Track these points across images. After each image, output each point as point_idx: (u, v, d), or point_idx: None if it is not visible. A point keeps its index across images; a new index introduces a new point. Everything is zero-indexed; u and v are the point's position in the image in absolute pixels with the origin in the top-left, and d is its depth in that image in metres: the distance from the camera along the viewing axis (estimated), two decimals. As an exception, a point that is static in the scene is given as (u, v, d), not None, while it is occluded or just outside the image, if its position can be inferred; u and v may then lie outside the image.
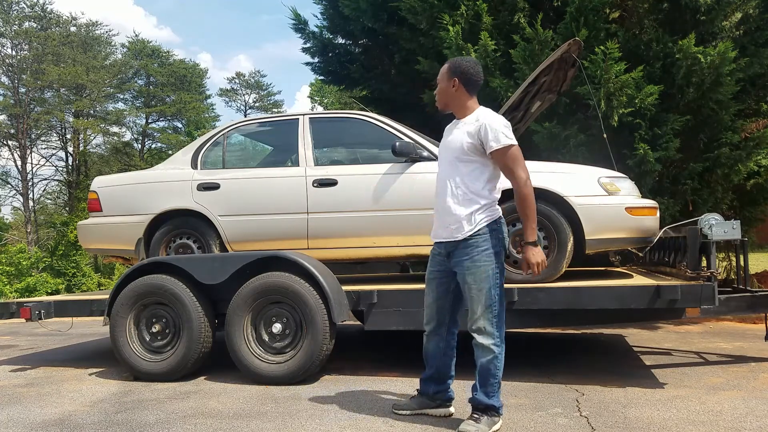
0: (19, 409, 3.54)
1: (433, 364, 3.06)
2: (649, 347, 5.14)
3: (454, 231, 2.82)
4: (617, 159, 5.05)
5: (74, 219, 18.07)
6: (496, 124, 2.77)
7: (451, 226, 2.83)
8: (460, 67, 2.87)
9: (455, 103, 2.90)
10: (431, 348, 3.05)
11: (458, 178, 2.82)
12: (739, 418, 3.00)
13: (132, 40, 31.45)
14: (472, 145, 2.78)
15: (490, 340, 2.77)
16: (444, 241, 2.89)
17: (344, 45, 8.96)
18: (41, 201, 29.92)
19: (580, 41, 5.00)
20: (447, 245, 2.88)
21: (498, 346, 2.79)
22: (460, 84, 2.86)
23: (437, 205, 2.93)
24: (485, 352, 2.79)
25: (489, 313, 2.77)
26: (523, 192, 2.76)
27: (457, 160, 2.83)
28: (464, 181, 2.81)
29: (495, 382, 2.82)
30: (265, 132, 5.24)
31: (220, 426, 3.08)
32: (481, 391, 2.82)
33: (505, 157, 2.76)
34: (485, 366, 2.79)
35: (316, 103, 30.72)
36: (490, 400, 2.81)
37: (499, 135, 2.74)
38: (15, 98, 24.99)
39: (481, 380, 2.82)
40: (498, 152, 2.75)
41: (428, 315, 3.04)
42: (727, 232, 3.76)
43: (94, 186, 5.03)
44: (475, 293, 2.78)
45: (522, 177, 2.76)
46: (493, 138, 2.74)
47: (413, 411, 3.11)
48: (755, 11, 6.62)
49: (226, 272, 4.05)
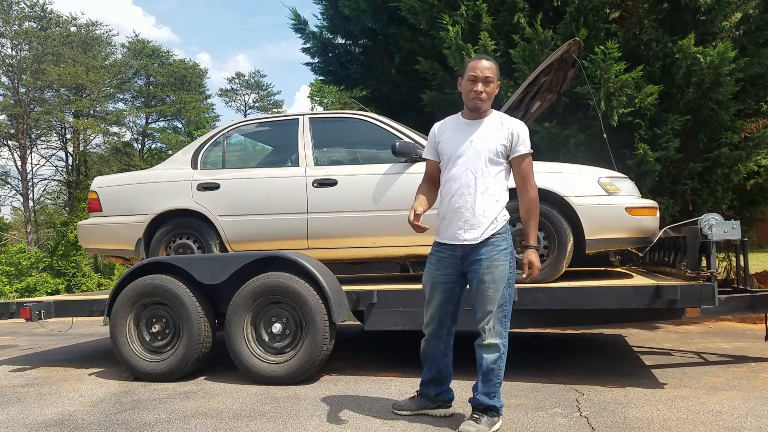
0: (19, 409, 3.54)
1: (434, 366, 3.05)
2: (649, 347, 5.14)
3: (479, 232, 2.79)
4: (617, 159, 5.05)
5: (74, 219, 18.09)
6: (525, 131, 2.87)
7: (477, 227, 2.80)
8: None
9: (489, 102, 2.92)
10: (431, 350, 3.03)
11: (487, 179, 2.81)
12: (739, 418, 3.00)
13: (132, 40, 31.45)
14: (505, 149, 2.84)
15: (498, 339, 2.78)
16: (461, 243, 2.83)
17: (344, 45, 8.96)
18: (41, 201, 29.92)
19: (580, 41, 5.00)
20: (464, 248, 2.83)
21: (504, 346, 2.81)
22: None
23: (454, 205, 2.84)
24: (492, 350, 2.79)
25: (500, 313, 2.79)
26: (534, 197, 2.86)
27: (488, 161, 2.82)
28: (493, 183, 2.82)
29: (497, 383, 2.82)
30: (265, 132, 5.24)
31: (220, 426, 3.08)
32: (482, 392, 2.82)
33: (525, 163, 2.85)
34: (490, 365, 2.79)
35: (316, 103, 30.73)
36: (491, 401, 2.81)
37: (527, 141, 2.85)
38: (15, 98, 24.98)
39: (484, 380, 2.81)
40: (521, 157, 2.84)
41: (430, 317, 2.99)
42: (727, 232, 3.76)
43: (94, 186, 5.03)
44: (492, 292, 2.77)
45: (534, 183, 2.87)
46: (522, 143, 2.83)
47: (413, 412, 3.11)
48: (755, 11, 6.62)
49: (226, 272, 4.05)
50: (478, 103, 2.85)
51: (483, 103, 2.85)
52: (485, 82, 2.83)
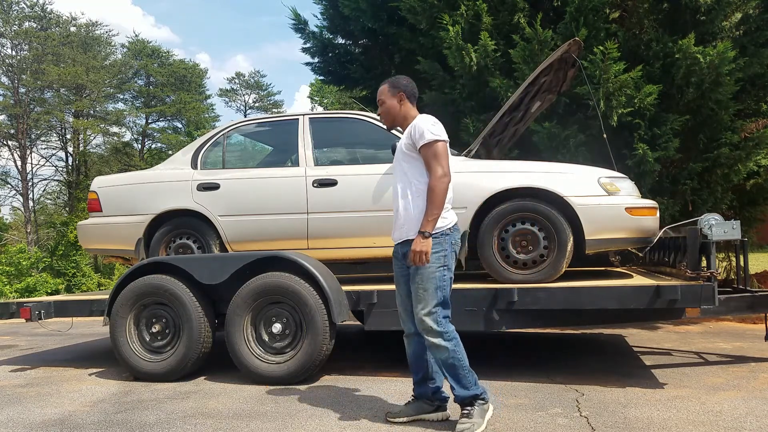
0: (19, 409, 3.54)
1: (421, 365, 3.05)
2: (649, 347, 5.14)
3: (404, 231, 2.90)
4: (617, 159, 5.05)
5: (74, 219, 18.08)
6: (425, 123, 2.89)
7: (402, 227, 2.91)
8: (400, 83, 3.02)
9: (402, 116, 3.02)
10: (413, 350, 3.06)
11: (404, 179, 2.93)
12: (739, 418, 3.00)
13: (132, 40, 31.44)
14: (410, 144, 2.90)
15: (438, 337, 2.81)
16: (398, 242, 2.97)
17: (344, 45, 8.95)
18: (41, 201, 29.89)
19: (580, 41, 5.00)
20: (402, 246, 2.95)
21: (449, 339, 2.82)
22: (405, 97, 3.01)
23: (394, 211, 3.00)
24: (440, 351, 2.83)
25: (433, 312, 2.81)
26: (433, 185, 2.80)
27: (402, 161, 2.94)
28: (410, 181, 2.90)
29: (464, 373, 2.84)
30: (265, 132, 5.24)
31: (220, 426, 3.08)
32: (458, 387, 2.85)
33: (427, 153, 2.84)
34: (447, 362, 2.84)
35: (315, 103, 30.74)
36: (471, 391, 2.84)
37: (426, 132, 2.85)
38: (15, 98, 24.97)
39: (452, 376, 2.85)
40: (423, 148, 2.85)
41: (401, 315, 3.06)
42: (727, 232, 3.77)
43: (94, 186, 5.03)
44: (422, 293, 2.83)
45: (439, 172, 2.81)
46: (420, 135, 2.85)
47: (410, 417, 3.06)
48: (755, 11, 6.62)
49: (226, 272, 4.05)
50: (384, 124, 3.13)
51: (384, 122, 3.11)
52: (379, 104, 3.07)
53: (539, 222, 4.04)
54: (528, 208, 4.06)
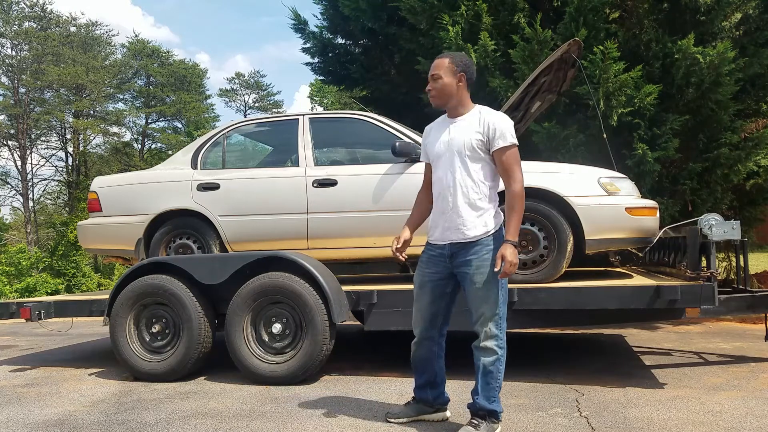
0: (19, 409, 3.54)
1: (428, 369, 2.98)
2: (649, 347, 5.14)
3: (465, 231, 2.75)
4: (616, 159, 5.05)
5: (74, 219, 18.06)
6: (504, 123, 2.74)
7: (462, 227, 2.75)
8: (463, 62, 2.82)
9: (456, 99, 2.82)
10: (423, 353, 2.96)
11: (467, 178, 2.75)
12: (739, 418, 3.00)
13: (132, 40, 31.45)
14: (482, 143, 2.74)
15: (494, 341, 2.73)
16: (449, 243, 2.80)
17: (344, 45, 8.96)
18: (41, 201, 29.91)
19: (580, 41, 5.01)
20: (452, 246, 2.80)
21: (502, 348, 2.75)
22: (465, 80, 2.80)
23: (439, 208, 2.83)
24: (489, 353, 2.73)
25: (495, 314, 2.73)
26: (516, 191, 2.71)
27: (466, 159, 2.75)
28: (474, 181, 2.75)
29: (497, 386, 2.76)
30: (265, 132, 5.24)
31: (220, 426, 3.08)
32: (482, 396, 2.76)
33: (506, 156, 2.72)
34: (488, 367, 2.73)
35: (315, 103, 30.75)
36: (491, 405, 2.76)
37: (506, 133, 2.72)
38: (15, 98, 25.00)
39: (483, 383, 2.76)
40: (501, 151, 2.72)
41: (419, 318, 2.93)
42: (727, 232, 3.77)
43: (93, 186, 5.03)
44: (483, 293, 2.71)
45: (519, 177, 2.73)
46: (500, 136, 2.71)
47: (410, 418, 3.04)
48: (755, 11, 6.63)
49: (226, 272, 4.05)
50: (432, 101, 2.85)
51: (434, 99, 2.84)
52: (432, 79, 2.81)
53: (539, 222, 4.04)
54: (528, 208, 4.03)
